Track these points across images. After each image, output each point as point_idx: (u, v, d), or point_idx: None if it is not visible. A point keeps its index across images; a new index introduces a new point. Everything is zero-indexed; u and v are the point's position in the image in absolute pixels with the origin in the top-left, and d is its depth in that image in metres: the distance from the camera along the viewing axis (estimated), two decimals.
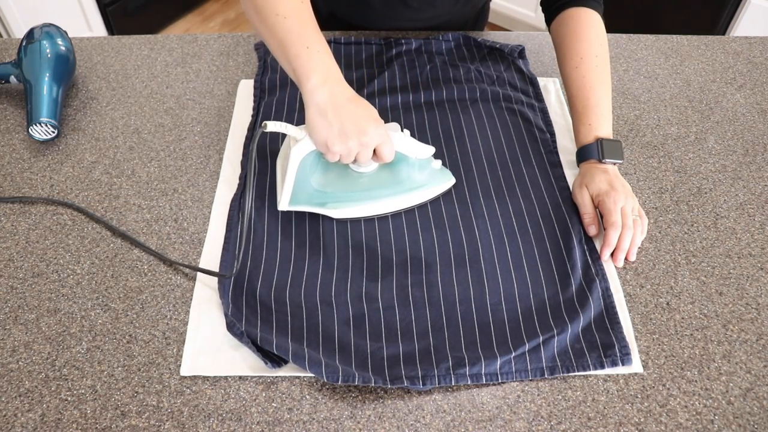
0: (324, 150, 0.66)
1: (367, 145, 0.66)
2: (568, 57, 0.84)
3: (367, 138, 0.65)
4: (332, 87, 0.65)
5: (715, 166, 0.85)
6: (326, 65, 0.66)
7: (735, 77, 1.00)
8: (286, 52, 0.66)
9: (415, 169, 0.74)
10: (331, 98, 0.64)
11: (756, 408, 0.60)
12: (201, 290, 0.67)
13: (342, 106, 0.64)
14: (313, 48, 0.66)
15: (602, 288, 0.68)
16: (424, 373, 0.60)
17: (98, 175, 0.81)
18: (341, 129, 0.64)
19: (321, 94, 0.64)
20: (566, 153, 0.84)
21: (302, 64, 0.65)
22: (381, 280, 0.68)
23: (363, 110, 0.66)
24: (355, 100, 0.66)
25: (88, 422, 0.57)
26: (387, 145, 0.67)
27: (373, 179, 0.74)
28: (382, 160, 0.69)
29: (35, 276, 0.69)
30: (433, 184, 0.75)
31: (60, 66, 0.88)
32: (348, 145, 0.65)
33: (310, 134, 0.66)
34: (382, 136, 0.66)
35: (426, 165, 0.75)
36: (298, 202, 0.72)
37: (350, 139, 0.64)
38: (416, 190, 0.74)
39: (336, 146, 0.65)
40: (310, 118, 0.65)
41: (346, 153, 0.66)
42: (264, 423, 0.58)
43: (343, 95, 0.65)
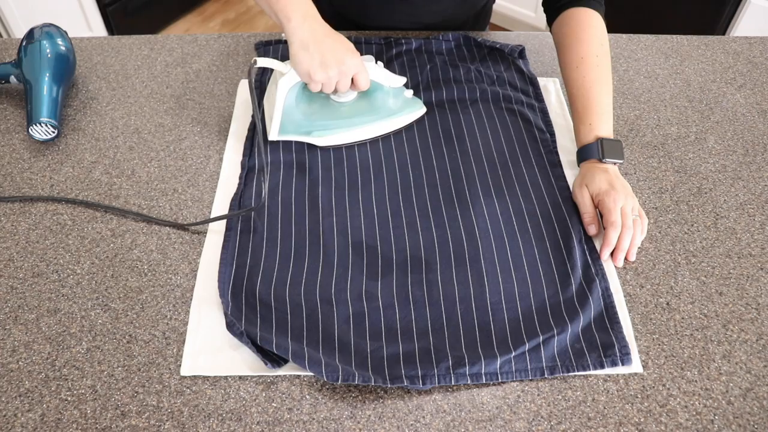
0: (307, 80, 0.74)
1: (346, 74, 0.74)
2: (569, 57, 0.84)
3: (345, 67, 0.73)
4: (311, 24, 0.73)
5: (715, 166, 0.85)
6: (304, 6, 0.74)
7: (735, 77, 1.00)
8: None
9: (390, 97, 0.83)
10: (312, 34, 0.72)
11: (756, 408, 0.60)
12: (201, 290, 0.67)
13: (322, 40, 0.73)
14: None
15: (602, 288, 0.68)
16: (424, 372, 0.60)
17: (98, 175, 0.81)
18: (322, 60, 0.72)
19: (302, 30, 0.72)
20: (566, 153, 0.84)
21: (283, 7, 0.73)
22: (381, 279, 0.68)
23: (340, 43, 0.74)
24: (333, 34, 0.74)
25: (88, 422, 0.57)
26: (363, 74, 0.76)
27: (352, 108, 0.83)
28: (358, 87, 0.77)
29: (35, 276, 0.69)
30: (406, 111, 0.85)
31: (60, 66, 0.88)
32: (328, 74, 0.73)
33: (295, 67, 0.74)
34: (359, 66, 0.75)
35: (399, 93, 0.84)
36: (287, 131, 0.81)
37: (330, 68, 0.73)
38: (392, 116, 0.84)
39: (318, 75, 0.73)
40: (294, 52, 0.73)
41: (327, 81, 0.74)
42: (264, 423, 0.58)
43: (321, 31, 0.73)
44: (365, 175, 0.80)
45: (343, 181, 0.79)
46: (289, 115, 0.81)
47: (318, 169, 0.80)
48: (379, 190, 0.78)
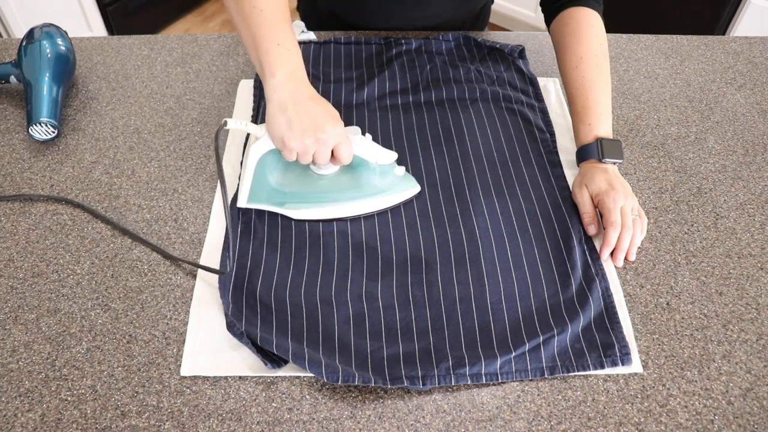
0: (281, 146, 0.66)
1: (324, 144, 0.66)
2: (568, 57, 0.84)
3: (323, 135, 0.65)
4: (296, 84, 0.66)
5: (715, 166, 0.85)
6: (293, 64, 0.67)
7: (735, 77, 1.00)
8: (257, 45, 0.67)
9: (376, 175, 0.73)
10: (293, 95, 0.65)
11: (756, 408, 0.60)
12: (201, 290, 0.67)
13: (301, 103, 0.65)
14: (284, 45, 0.67)
15: (602, 288, 0.68)
16: (424, 373, 0.60)
17: (98, 175, 0.81)
18: (299, 125, 0.64)
19: (283, 90, 0.65)
20: (566, 153, 0.84)
21: (270, 60, 0.66)
22: (381, 279, 0.68)
23: (322, 108, 0.66)
24: (316, 98, 0.67)
25: (88, 422, 0.57)
26: (344, 146, 0.67)
27: (332, 182, 0.73)
28: (339, 161, 0.68)
29: (35, 276, 0.69)
30: (394, 190, 0.74)
31: (60, 66, 0.88)
32: (304, 142, 0.65)
33: (269, 130, 0.66)
34: (340, 136, 0.66)
35: (388, 171, 0.74)
36: (258, 200, 0.73)
37: (307, 136, 0.64)
38: (376, 195, 0.73)
39: (292, 142, 0.65)
40: (270, 113, 0.66)
41: (303, 150, 0.66)
42: (264, 423, 0.58)
43: (304, 93, 0.67)
44: None
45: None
46: (261, 183, 0.72)
47: None
48: None
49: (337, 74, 0.95)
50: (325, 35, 1.03)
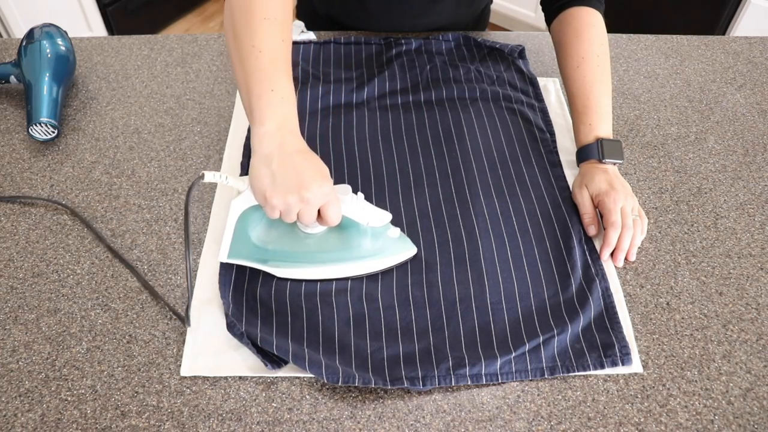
0: (262, 202, 0.60)
1: (309, 202, 0.59)
2: (569, 56, 0.84)
3: (309, 194, 0.58)
4: (284, 136, 0.61)
5: (715, 166, 0.85)
6: (285, 114, 0.62)
7: (735, 77, 1.00)
8: (250, 89, 0.62)
9: (368, 237, 0.67)
10: (280, 147, 0.60)
11: (756, 408, 0.60)
12: (201, 290, 0.67)
13: (288, 157, 0.59)
14: (278, 92, 0.62)
15: (602, 288, 0.68)
16: (424, 373, 0.60)
17: (98, 175, 0.81)
18: (283, 181, 0.58)
19: (270, 141, 0.60)
20: (566, 153, 0.84)
21: (261, 107, 0.61)
22: (381, 280, 0.68)
23: (310, 164, 0.60)
24: (305, 153, 0.61)
25: (88, 422, 0.57)
26: (332, 207, 0.61)
27: (320, 242, 0.67)
28: (326, 222, 0.62)
29: (35, 276, 0.69)
30: (387, 253, 0.68)
31: (60, 66, 0.88)
32: (288, 200, 0.58)
33: (251, 183, 0.60)
34: (328, 195, 0.60)
35: (381, 232, 0.67)
36: (239, 256, 0.67)
37: (291, 193, 0.58)
38: (367, 258, 0.67)
39: (275, 199, 0.58)
40: (253, 165, 0.60)
41: (286, 209, 0.59)
42: (264, 423, 0.58)
43: (293, 146, 0.61)
44: (365, 176, 0.80)
45: (343, 181, 0.79)
46: (242, 239, 0.66)
47: None
48: (378, 190, 0.78)
49: (337, 74, 0.95)
50: (325, 35, 1.03)
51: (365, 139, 0.85)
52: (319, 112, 0.88)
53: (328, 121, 0.87)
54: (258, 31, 0.63)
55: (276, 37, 0.64)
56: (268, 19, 0.63)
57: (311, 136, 0.85)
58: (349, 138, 0.85)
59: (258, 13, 0.63)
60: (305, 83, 0.92)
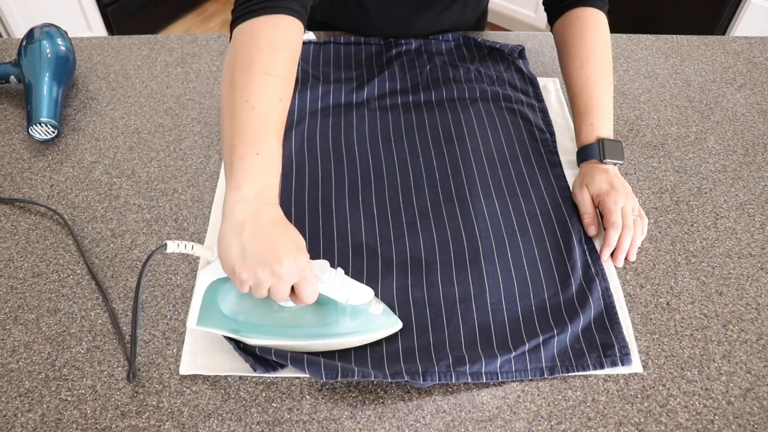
0: (231, 275, 0.55)
1: (281, 278, 0.53)
2: (573, 57, 0.84)
3: (282, 269, 0.53)
4: (260, 205, 0.55)
5: (715, 166, 0.85)
6: (266, 182, 0.57)
7: (735, 77, 1.00)
8: (233, 148, 0.57)
9: (346, 315, 0.60)
10: (254, 217, 0.54)
11: (756, 408, 0.60)
12: None
13: (261, 228, 0.54)
14: (263, 157, 0.57)
15: (602, 288, 0.68)
16: (424, 369, 0.60)
17: (98, 175, 0.81)
18: (253, 254, 0.53)
19: (244, 209, 0.55)
20: (566, 153, 0.84)
21: (242, 169, 0.56)
22: (381, 280, 0.68)
23: (285, 236, 0.55)
24: (280, 224, 0.56)
25: (88, 422, 0.57)
26: (308, 284, 0.55)
27: (295, 315, 0.62)
28: (301, 301, 0.56)
29: (35, 276, 0.69)
30: (368, 331, 0.62)
31: (60, 66, 0.88)
32: (258, 275, 0.53)
33: (219, 254, 0.55)
34: (302, 271, 0.54)
35: (363, 309, 0.61)
36: (209, 324, 0.61)
37: (261, 267, 0.53)
38: (346, 336, 0.61)
39: (244, 273, 0.53)
40: (222, 233, 0.55)
41: (256, 284, 0.54)
42: (264, 423, 0.58)
43: (268, 216, 0.55)
44: (365, 176, 0.80)
45: (343, 182, 0.79)
46: (212, 308, 0.61)
47: (318, 171, 0.80)
48: (379, 191, 0.78)
49: (337, 74, 0.95)
50: (325, 35, 1.03)
51: (365, 139, 0.85)
52: (319, 112, 0.88)
53: (328, 121, 0.87)
54: (256, 87, 0.58)
55: (274, 95, 0.59)
56: (269, 75, 0.59)
57: (311, 136, 0.85)
58: (349, 138, 0.85)
59: (260, 67, 0.59)
60: (305, 83, 0.92)
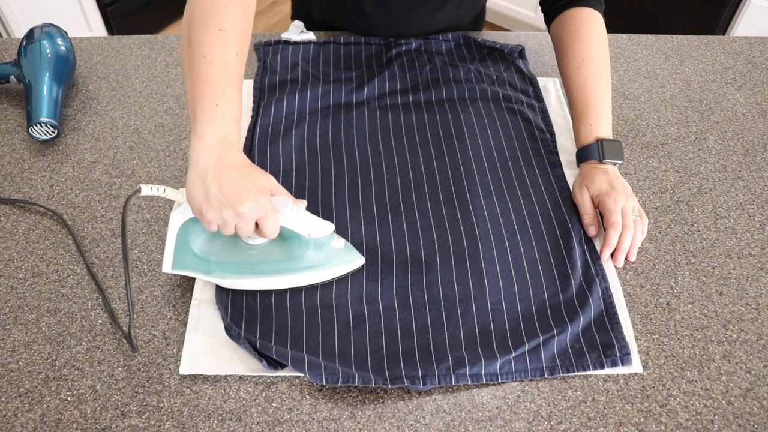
0: (199, 217, 0.60)
1: (245, 217, 0.58)
2: (570, 57, 0.84)
3: (244, 209, 0.57)
4: (222, 151, 0.59)
5: (715, 166, 0.85)
6: (226, 129, 0.61)
7: (735, 77, 1.00)
8: (195, 101, 0.61)
9: (309, 248, 0.65)
10: (216, 162, 0.58)
11: (756, 408, 0.60)
12: (201, 290, 0.67)
13: (223, 171, 0.58)
14: (222, 108, 0.61)
15: (602, 288, 0.68)
16: (424, 372, 0.60)
17: (98, 175, 0.81)
18: (218, 196, 0.57)
19: (207, 156, 0.59)
20: (566, 153, 0.84)
21: (203, 120, 0.60)
22: (381, 280, 0.68)
23: (246, 177, 0.59)
24: (242, 167, 0.60)
25: (88, 422, 0.57)
26: (269, 220, 0.60)
27: (263, 253, 0.66)
28: (263, 235, 0.61)
29: (35, 276, 0.69)
30: (332, 264, 0.66)
31: (60, 66, 0.88)
32: (223, 215, 0.58)
33: (187, 198, 0.60)
34: (263, 209, 0.59)
35: (325, 243, 0.66)
36: (183, 266, 0.66)
37: (225, 208, 0.57)
38: (312, 269, 0.66)
39: (210, 214, 0.58)
40: (189, 180, 0.59)
41: (222, 223, 0.59)
42: (264, 423, 0.58)
43: (230, 160, 0.59)
44: (365, 176, 0.80)
45: (343, 182, 0.79)
46: (184, 250, 0.65)
47: (318, 171, 0.80)
48: (378, 191, 0.78)
49: (337, 74, 0.95)
50: (325, 35, 1.03)
51: (365, 139, 0.85)
52: (319, 112, 0.88)
53: (328, 121, 0.87)
54: (211, 43, 0.62)
55: (230, 50, 0.63)
56: (224, 30, 0.63)
57: (311, 136, 0.85)
58: (349, 138, 0.85)
59: (215, 23, 0.63)
60: (305, 83, 0.92)
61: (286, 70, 0.95)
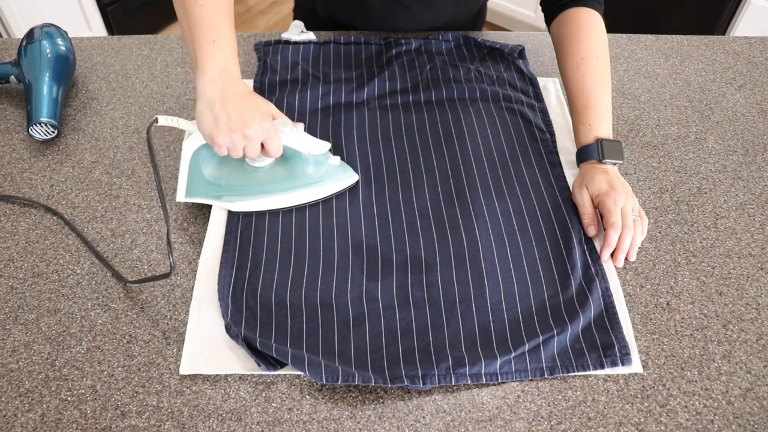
0: (210, 142, 0.68)
1: (252, 139, 0.67)
2: (569, 57, 0.84)
3: (250, 131, 0.66)
4: (225, 82, 0.66)
5: (715, 166, 0.85)
6: (226, 62, 0.68)
7: (735, 77, 1.00)
8: (194, 40, 0.67)
9: (310, 165, 0.74)
10: (221, 92, 0.66)
11: (756, 408, 0.60)
12: (201, 290, 0.67)
13: (229, 100, 0.66)
14: (219, 43, 0.67)
15: (602, 288, 0.68)
16: (424, 372, 0.60)
17: (98, 175, 0.81)
18: (226, 122, 0.65)
19: (212, 88, 0.66)
20: (566, 153, 0.84)
21: (204, 56, 0.66)
22: (381, 279, 0.68)
23: (250, 104, 0.67)
24: (244, 95, 0.67)
25: (88, 422, 0.57)
26: (273, 140, 0.68)
27: (268, 173, 0.75)
28: (269, 154, 0.70)
29: (35, 276, 0.69)
30: (331, 180, 0.75)
31: (60, 66, 0.88)
32: (232, 139, 0.66)
33: (198, 126, 0.68)
34: (268, 131, 0.67)
35: (322, 161, 0.75)
36: (195, 194, 0.74)
37: (234, 132, 0.66)
38: (312, 186, 0.74)
39: (220, 139, 0.66)
40: (198, 110, 0.66)
41: (232, 146, 0.67)
42: (264, 423, 0.58)
43: (233, 90, 0.67)
44: (365, 176, 0.80)
45: None
46: (197, 177, 0.73)
47: None
48: (379, 190, 0.78)
49: (337, 74, 0.95)
50: (325, 35, 1.03)
51: (365, 139, 0.85)
52: (319, 112, 0.88)
53: (329, 121, 0.87)
54: None
55: None
56: None
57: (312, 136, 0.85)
58: (349, 138, 0.85)
59: None
60: (305, 83, 0.92)
61: (286, 69, 0.95)
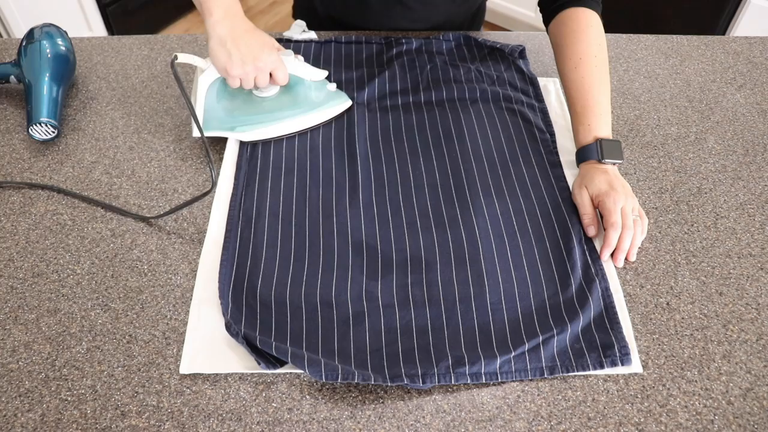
0: (225, 75, 0.76)
1: (262, 70, 0.77)
2: (567, 57, 0.84)
3: (261, 63, 0.76)
4: (232, 21, 0.75)
5: (715, 166, 0.85)
6: (229, 3, 0.76)
7: (735, 77, 1.00)
8: None
9: (312, 91, 0.84)
10: (231, 30, 0.74)
11: (756, 408, 0.60)
12: (201, 290, 0.67)
13: (239, 37, 0.74)
14: None
15: (602, 288, 0.68)
16: (423, 371, 0.60)
17: (98, 175, 0.81)
18: (238, 56, 0.74)
19: (222, 27, 0.74)
20: (566, 153, 0.84)
21: (207, 2, 0.75)
22: (381, 279, 0.68)
23: (257, 39, 0.76)
24: (252, 31, 0.76)
25: (88, 422, 0.57)
26: (280, 69, 0.79)
27: (274, 102, 0.84)
28: (277, 82, 0.80)
29: (35, 276, 0.69)
30: (330, 104, 0.85)
31: (60, 66, 0.88)
32: (245, 69, 0.75)
33: (212, 62, 0.76)
34: (276, 62, 0.78)
35: (321, 87, 0.85)
36: (210, 127, 0.82)
37: (246, 64, 0.75)
38: (314, 110, 0.84)
39: (234, 70, 0.75)
40: (212, 47, 0.75)
41: (245, 77, 0.76)
42: (264, 423, 0.58)
43: (241, 27, 0.75)
44: (365, 175, 0.80)
45: (344, 181, 0.79)
46: (212, 112, 0.82)
47: (319, 170, 0.80)
48: (379, 190, 0.78)
49: (338, 74, 0.95)
50: (326, 35, 1.03)
51: (365, 138, 0.85)
52: None
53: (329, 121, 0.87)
54: None
55: None
56: None
57: (312, 135, 0.85)
58: (350, 138, 0.85)
59: None
60: None
61: None
